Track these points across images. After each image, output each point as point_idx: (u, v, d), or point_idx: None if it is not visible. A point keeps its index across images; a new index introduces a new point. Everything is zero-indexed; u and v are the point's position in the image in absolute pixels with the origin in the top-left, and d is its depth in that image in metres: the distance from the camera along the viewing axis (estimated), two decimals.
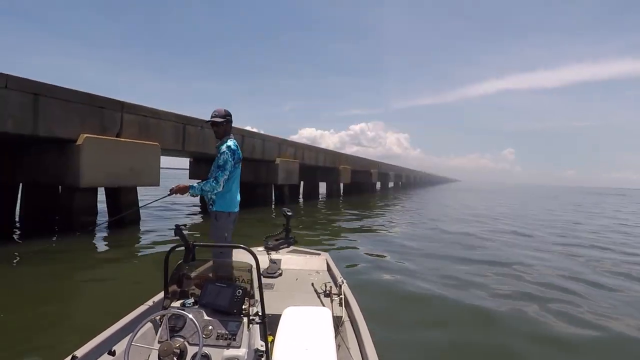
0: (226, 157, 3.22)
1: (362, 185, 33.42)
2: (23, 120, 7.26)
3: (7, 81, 7.03)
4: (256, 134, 15.74)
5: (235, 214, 3.42)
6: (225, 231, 3.29)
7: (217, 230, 3.29)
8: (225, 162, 3.21)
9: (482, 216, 16.36)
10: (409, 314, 4.22)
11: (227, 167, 3.22)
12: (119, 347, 1.97)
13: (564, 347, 3.54)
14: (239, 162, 3.37)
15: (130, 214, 9.77)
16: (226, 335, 1.79)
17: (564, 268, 6.75)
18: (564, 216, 18.43)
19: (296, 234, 4.24)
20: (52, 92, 7.79)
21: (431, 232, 10.77)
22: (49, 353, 2.92)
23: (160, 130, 10.48)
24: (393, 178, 49.06)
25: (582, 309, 4.56)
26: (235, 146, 3.33)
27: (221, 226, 3.28)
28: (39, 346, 3.17)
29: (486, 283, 5.52)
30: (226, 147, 3.28)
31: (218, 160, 3.26)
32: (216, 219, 3.30)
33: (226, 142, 3.32)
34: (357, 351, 2.24)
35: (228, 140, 3.34)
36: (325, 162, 23.38)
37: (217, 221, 3.30)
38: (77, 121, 8.27)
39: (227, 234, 3.30)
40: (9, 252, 6.56)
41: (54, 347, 3.02)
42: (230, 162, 3.25)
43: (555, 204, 30.26)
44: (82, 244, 7.51)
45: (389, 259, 6.97)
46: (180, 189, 3.19)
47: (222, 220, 3.29)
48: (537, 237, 10.78)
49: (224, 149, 3.25)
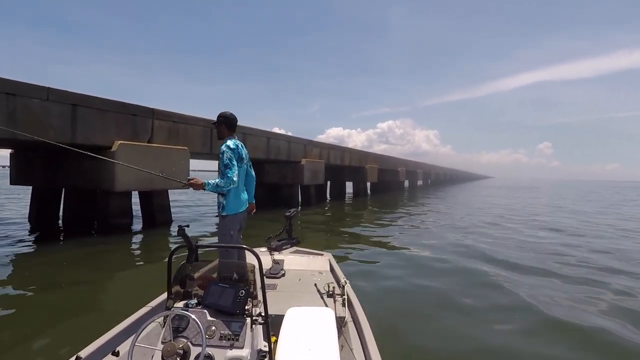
0: (228, 155, 3.30)
1: (390, 184, 33.09)
2: (62, 130, 7.79)
3: (49, 93, 7.57)
4: (281, 136, 15.97)
5: (242, 213, 3.50)
6: (230, 229, 3.38)
7: (224, 228, 3.41)
8: (230, 159, 3.29)
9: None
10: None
11: (233, 162, 3.29)
12: (122, 348, 2.00)
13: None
14: (240, 160, 3.42)
15: (162, 217, 10.27)
16: (229, 336, 1.79)
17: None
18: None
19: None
20: (89, 102, 8.30)
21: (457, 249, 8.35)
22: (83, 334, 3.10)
23: (189, 134, 10.88)
24: (422, 176, 48.21)
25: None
26: (235, 145, 3.39)
27: (227, 225, 3.40)
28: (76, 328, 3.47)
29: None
30: (225, 146, 3.36)
31: (222, 160, 3.32)
32: (224, 218, 3.43)
33: (225, 142, 3.41)
34: (360, 352, 2.23)
35: (227, 141, 3.43)
36: (352, 161, 23.33)
37: (224, 220, 3.42)
38: (112, 128, 8.77)
39: (233, 232, 3.39)
40: (54, 252, 7.10)
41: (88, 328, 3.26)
42: (234, 158, 3.32)
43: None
44: (119, 244, 8.00)
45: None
46: (196, 184, 3.25)
47: (229, 219, 3.41)
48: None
49: (223, 149, 3.34)
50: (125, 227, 9.31)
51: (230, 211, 3.39)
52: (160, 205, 10.39)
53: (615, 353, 3.40)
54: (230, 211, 3.39)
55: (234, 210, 3.41)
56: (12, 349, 3.24)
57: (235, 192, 3.41)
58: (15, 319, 3.97)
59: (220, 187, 3.26)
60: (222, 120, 3.52)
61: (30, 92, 7.26)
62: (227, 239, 3.36)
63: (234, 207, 3.41)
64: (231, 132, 3.53)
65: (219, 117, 3.53)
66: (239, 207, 3.46)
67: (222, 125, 3.52)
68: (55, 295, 4.79)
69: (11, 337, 3.48)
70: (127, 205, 9.60)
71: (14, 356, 3.10)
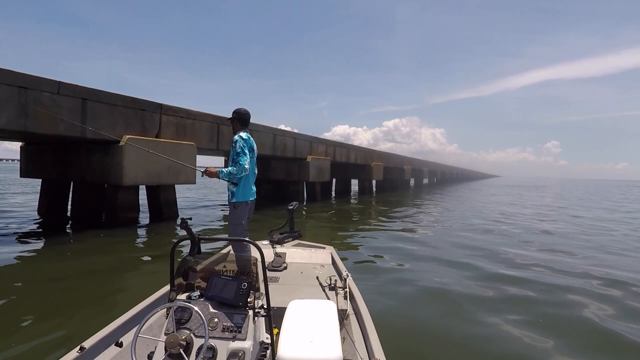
0: (241, 144, 3.49)
1: (395, 182, 33.05)
2: (73, 124, 7.90)
3: (60, 87, 7.68)
4: (288, 133, 16.03)
5: (252, 202, 3.66)
6: (242, 219, 3.54)
7: (235, 218, 3.55)
8: (242, 148, 3.48)
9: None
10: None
11: (245, 151, 3.47)
12: (126, 339, 2.03)
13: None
14: (252, 151, 3.59)
15: (168, 211, 10.39)
16: (232, 328, 1.80)
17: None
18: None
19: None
20: (98, 96, 8.41)
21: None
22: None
23: (196, 130, 10.98)
24: (427, 174, 48.04)
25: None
26: (247, 136, 3.57)
27: (238, 214, 3.54)
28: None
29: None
30: (238, 136, 3.55)
31: (234, 149, 3.51)
32: (235, 207, 3.55)
33: (238, 133, 3.60)
34: (362, 344, 2.26)
35: (240, 132, 3.62)
36: (357, 159, 23.35)
37: (235, 209, 3.55)
38: (121, 123, 8.88)
39: (244, 221, 3.56)
40: (62, 244, 7.23)
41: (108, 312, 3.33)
42: (246, 147, 3.50)
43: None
44: (126, 236, 8.12)
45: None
46: (211, 173, 3.47)
47: (240, 208, 3.55)
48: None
49: (236, 139, 3.53)
50: (133, 221, 9.45)
51: (240, 199, 3.52)
52: (167, 199, 10.52)
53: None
54: (240, 198, 3.52)
55: (244, 198, 3.54)
56: (16, 338, 3.30)
57: (245, 180, 3.57)
58: (20, 308, 4.04)
59: (233, 174, 3.44)
60: (235, 117, 3.73)
61: (41, 86, 7.37)
62: (238, 228, 3.48)
63: (244, 195, 3.54)
64: (244, 128, 3.72)
65: (233, 113, 3.75)
66: (249, 196, 3.59)
67: (235, 121, 3.73)
68: (62, 286, 4.89)
69: (16, 327, 3.55)
70: (135, 199, 9.74)
71: (18, 346, 3.16)
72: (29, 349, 3.11)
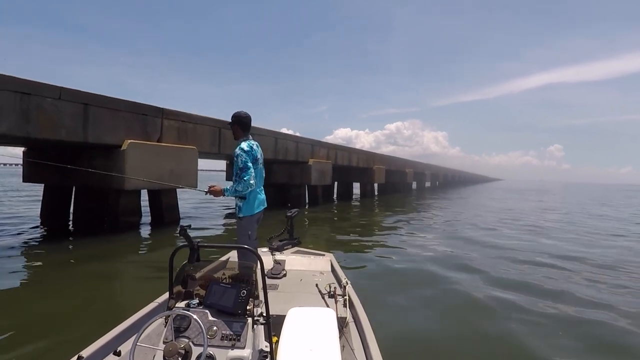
0: (243, 158, 3.29)
1: (397, 185, 32.98)
2: (75, 129, 7.92)
3: (61, 92, 7.70)
4: (289, 136, 16.04)
5: (259, 213, 3.52)
6: (248, 230, 3.42)
7: (242, 229, 3.45)
8: (244, 162, 3.28)
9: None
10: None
11: (248, 165, 3.28)
12: (124, 348, 2.00)
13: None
14: (256, 162, 3.40)
15: (170, 216, 10.39)
16: (231, 336, 1.79)
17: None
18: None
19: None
20: (100, 101, 8.43)
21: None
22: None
23: (198, 134, 10.99)
24: (430, 178, 47.98)
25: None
26: (249, 147, 3.37)
27: (245, 226, 3.44)
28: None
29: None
30: (239, 149, 3.34)
31: (237, 164, 3.32)
32: (241, 220, 3.45)
33: (239, 145, 3.39)
34: (362, 352, 2.23)
35: (242, 143, 3.40)
36: (359, 162, 23.32)
37: (241, 221, 3.45)
38: (122, 128, 8.89)
39: (251, 232, 3.43)
40: (64, 248, 7.23)
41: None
42: (249, 160, 3.30)
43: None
44: (127, 241, 8.12)
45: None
46: (216, 192, 3.32)
47: (246, 221, 3.44)
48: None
49: (238, 152, 3.33)
50: (135, 225, 9.45)
51: (247, 213, 3.41)
52: (168, 204, 10.52)
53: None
54: (247, 213, 3.41)
55: (250, 212, 3.42)
56: (15, 346, 3.26)
57: (252, 193, 3.41)
58: (20, 315, 4.03)
59: (239, 191, 3.28)
60: (235, 121, 3.49)
61: (43, 92, 7.39)
62: (245, 240, 3.37)
63: (250, 209, 3.42)
64: (246, 133, 3.49)
65: (232, 117, 3.50)
66: (256, 209, 3.46)
67: (235, 126, 3.50)
68: (62, 292, 4.88)
69: (14, 333, 3.52)
70: (137, 203, 9.74)
71: (16, 353, 3.12)
72: (27, 357, 3.09)
